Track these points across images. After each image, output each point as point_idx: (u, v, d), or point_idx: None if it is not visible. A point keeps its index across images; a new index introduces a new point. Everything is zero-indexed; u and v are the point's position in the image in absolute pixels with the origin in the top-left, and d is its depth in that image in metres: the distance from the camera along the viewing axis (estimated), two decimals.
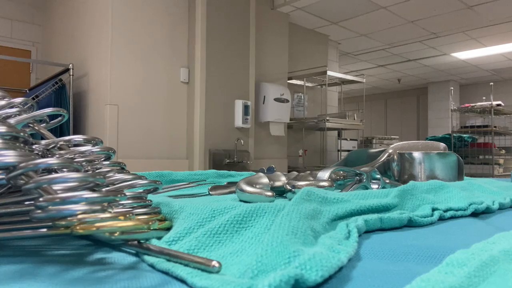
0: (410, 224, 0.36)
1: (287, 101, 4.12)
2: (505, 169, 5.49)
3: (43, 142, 0.37)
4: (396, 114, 10.21)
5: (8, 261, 0.25)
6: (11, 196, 0.28)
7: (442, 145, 0.69)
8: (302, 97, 4.89)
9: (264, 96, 3.95)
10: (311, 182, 0.51)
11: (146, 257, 0.25)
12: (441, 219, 0.40)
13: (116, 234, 0.25)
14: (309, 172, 0.59)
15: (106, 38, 2.94)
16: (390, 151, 0.62)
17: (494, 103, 5.24)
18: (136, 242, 0.27)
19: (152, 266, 0.24)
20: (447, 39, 5.81)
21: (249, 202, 0.44)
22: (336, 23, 4.91)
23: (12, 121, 0.36)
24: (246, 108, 3.62)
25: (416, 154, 0.62)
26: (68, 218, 0.23)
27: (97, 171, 0.38)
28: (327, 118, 4.35)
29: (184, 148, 3.44)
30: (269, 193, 0.49)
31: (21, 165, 0.25)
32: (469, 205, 0.43)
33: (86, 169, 0.38)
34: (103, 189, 0.32)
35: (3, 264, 0.25)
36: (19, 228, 0.27)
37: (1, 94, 0.38)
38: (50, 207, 0.23)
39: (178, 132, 3.39)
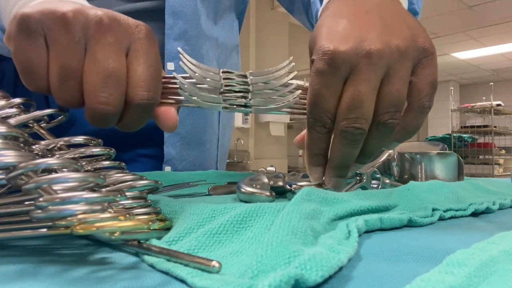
0: (410, 224, 0.36)
1: None
2: (505, 169, 5.49)
3: (43, 142, 0.37)
4: None
5: (8, 261, 0.25)
6: (11, 196, 0.28)
7: (441, 144, 0.69)
8: None
9: None
10: (311, 182, 0.51)
11: (146, 257, 0.25)
12: (441, 219, 0.40)
13: (116, 234, 0.25)
14: None
15: None
16: (390, 151, 0.62)
17: (494, 103, 5.24)
18: (136, 242, 0.27)
19: (152, 266, 0.24)
20: (447, 39, 5.80)
21: (249, 202, 0.44)
22: None
23: (12, 121, 0.36)
24: None
25: (416, 154, 0.62)
26: (68, 218, 0.23)
27: (97, 171, 0.38)
28: None
29: None
30: (269, 193, 0.49)
31: (21, 165, 0.25)
32: (469, 205, 0.43)
33: (86, 169, 0.38)
34: (103, 189, 0.32)
35: (3, 264, 0.25)
36: (19, 228, 0.27)
37: (1, 94, 0.38)
38: (50, 207, 0.23)
39: None
